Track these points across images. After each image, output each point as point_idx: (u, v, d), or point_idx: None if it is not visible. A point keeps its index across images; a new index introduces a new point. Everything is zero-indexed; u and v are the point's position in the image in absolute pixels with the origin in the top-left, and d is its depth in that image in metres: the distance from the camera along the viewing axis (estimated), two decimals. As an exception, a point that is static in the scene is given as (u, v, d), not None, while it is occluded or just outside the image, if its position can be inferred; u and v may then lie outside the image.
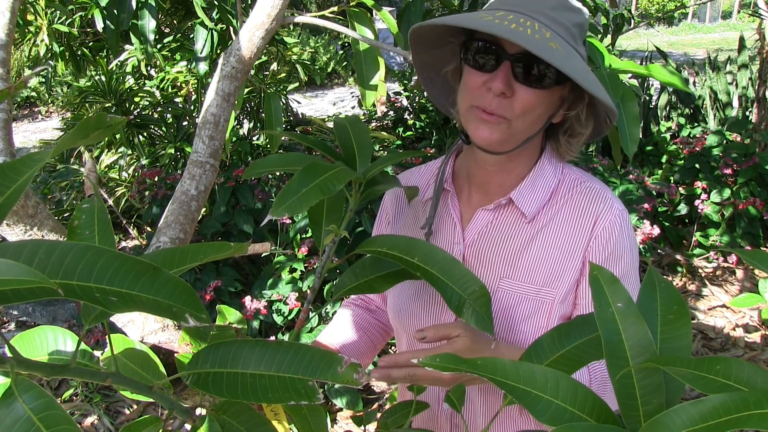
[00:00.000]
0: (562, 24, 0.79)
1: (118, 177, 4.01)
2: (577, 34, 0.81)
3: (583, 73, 0.75)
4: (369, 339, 1.10)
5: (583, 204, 0.90)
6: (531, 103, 0.80)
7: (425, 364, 0.52)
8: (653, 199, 3.28)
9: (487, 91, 0.80)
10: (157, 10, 2.22)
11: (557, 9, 0.79)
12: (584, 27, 0.83)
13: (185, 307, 0.43)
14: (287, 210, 0.67)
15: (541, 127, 0.85)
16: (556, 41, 0.75)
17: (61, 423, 0.38)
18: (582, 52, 0.82)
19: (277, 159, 0.83)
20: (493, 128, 0.81)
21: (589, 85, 0.74)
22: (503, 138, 0.82)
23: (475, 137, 0.83)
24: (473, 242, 0.92)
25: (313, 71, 9.96)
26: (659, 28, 21.90)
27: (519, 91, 0.79)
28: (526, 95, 0.79)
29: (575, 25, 0.80)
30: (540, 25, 0.76)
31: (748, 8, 20.53)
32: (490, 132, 0.81)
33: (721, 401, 0.38)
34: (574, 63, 0.75)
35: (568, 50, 0.76)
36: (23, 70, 7.14)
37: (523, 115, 0.81)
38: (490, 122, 0.81)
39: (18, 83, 0.50)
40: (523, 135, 0.84)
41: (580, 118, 0.87)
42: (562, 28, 0.79)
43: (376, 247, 0.76)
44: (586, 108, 0.86)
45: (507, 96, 0.79)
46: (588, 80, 0.75)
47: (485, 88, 0.80)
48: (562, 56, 0.73)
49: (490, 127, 0.81)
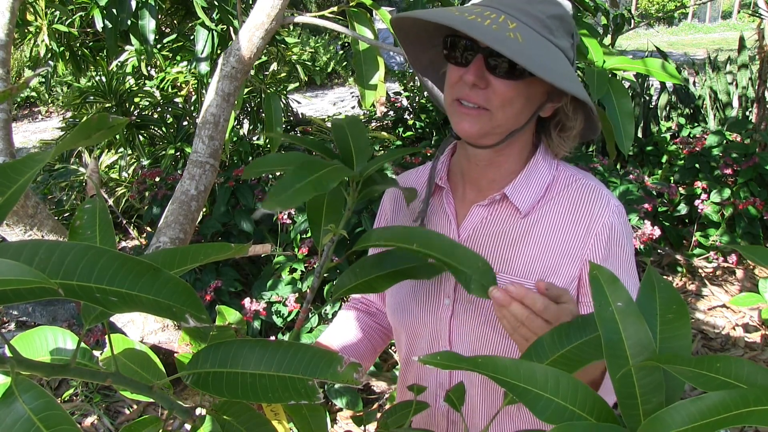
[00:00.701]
0: (534, 16, 0.79)
1: (118, 177, 4.02)
2: (554, 26, 0.80)
3: (539, 61, 0.74)
4: (369, 341, 1.10)
5: (579, 199, 0.90)
6: (507, 95, 0.80)
7: (425, 361, 0.52)
8: (653, 199, 3.28)
9: (464, 84, 0.81)
10: (157, 10, 2.22)
11: (531, 2, 0.80)
12: (565, 19, 0.82)
13: (185, 308, 0.43)
14: (280, 204, 0.67)
15: (526, 120, 0.86)
16: (520, 32, 0.75)
17: (61, 423, 0.38)
18: (563, 44, 0.81)
19: (277, 158, 0.83)
20: (473, 120, 0.82)
21: (545, 73, 0.73)
22: (484, 129, 0.83)
23: (458, 130, 0.85)
24: (468, 238, 0.93)
25: (313, 71, 9.96)
26: (659, 28, 21.90)
27: (493, 82, 0.80)
28: (501, 86, 0.80)
29: (551, 17, 0.80)
30: (507, 17, 0.77)
31: (748, 8, 20.53)
32: (470, 124, 0.83)
33: (721, 398, 0.38)
34: (533, 52, 0.75)
35: (534, 41, 0.76)
36: (23, 70, 7.14)
37: (503, 106, 0.81)
38: (471, 115, 0.82)
39: (19, 84, 0.51)
40: (506, 127, 0.84)
41: (567, 112, 0.88)
42: (535, 20, 0.79)
43: (373, 240, 0.76)
44: (572, 101, 0.87)
45: (481, 87, 0.80)
46: (545, 68, 0.74)
47: (462, 81, 0.82)
48: (518, 45, 0.73)
49: (470, 120, 0.82)
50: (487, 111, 0.81)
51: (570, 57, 0.83)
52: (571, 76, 0.79)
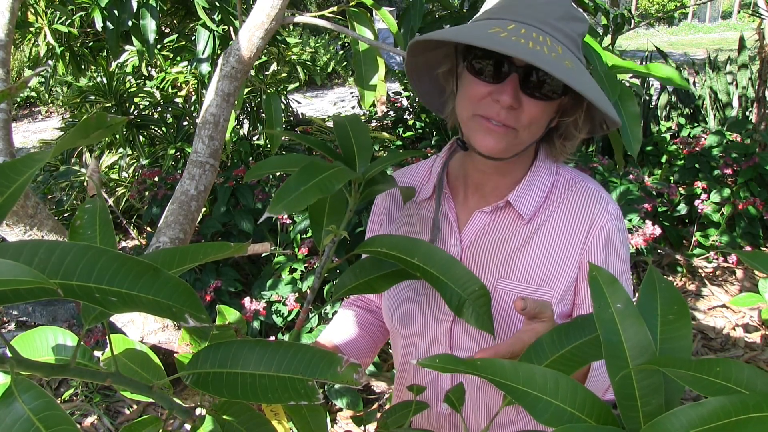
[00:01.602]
0: (568, 36, 0.78)
1: (118, 177, 4.02)
2: (581, 44, 0.81)
3: (594, 89, 0.75)
4: (370, 337, 1.10)
5: (579, 203, 0.90)
6: (538, 115, 0.80)
7: (424, 364, 0.52)
8: (653, 199, 3.28)
9: (494, 102, 0.79)
10: (157, 10, 2.22)
11: (564, 19, 0.78)
12: (585, 34, 0.83)
13: (185, 308, 0.43)
14: (285, 208, 0.67)
15: (542, 133, 0.86)
16: (568, 58, 0.75)
17: (60, 423, 0.38)
18: (582, 58, 0.82)
19: (279, 161, 0.83)
20: (499, 138, 0.81)
21: (601, 103, 0.74)
22: (509, 147, 0.83)
23: (481, 147, 0.83)
24: (470, 244, 0.92)
25: (313, 71, 9.97)
26: (659, 28, 21.90)
27: (525, 102, 0.79)
28: (534, 107, 0.79)
29: (580, 35, 0.80)
30: (551, 39, 0.75)
31: (748, 8, 20.53)
32: (496, 142, 0.81)
33: (721, 404, 0.38)
34: (585, 79, 0.75)
35: (577, 65, 0.76)
36: (23, 70, 7.14)
37: (530, 125, 0.81)
38: (497, 132, 0.80)
39: (19, 84, 0.50)
40: (526, 143, 0.85)
41: (577, 123, 0.87)
42: (569, 40, 0.78)
43: (375, 247, 0.76)
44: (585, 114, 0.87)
45: (515, 108, 0.79)
46: (598, 97, 0.74)
47: (491, 99, 0.79)
48: (576, 74, 0.73)
49: (497, 137, 0.81)
50: (513, 130, 0.81)
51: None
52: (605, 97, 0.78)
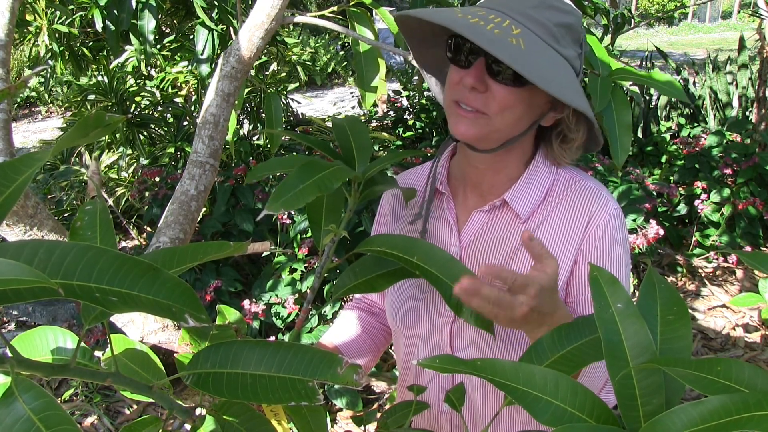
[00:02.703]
0: (540, 23, 0.77)
1: (118, 177, 4.02)
2: (561, 34, 0.79)
3: (539, 70, 0.73)
4: (372, 341, 1.10)
5: (578, 202, 0.89)
6: (507, 101, 0.79)
7: (424, 365, 0.52)
8: (653, 199, 3.28)
9: (464, 86, 0.80)
10: (157, 10, 2.22)
11: (538, 8, 0.78)
12: (573, 28, 0.80)
13: (185, 308, 0.43)
14: (283, 205, 0.67)
15: (526, 128, 0.85)
16: (523, 39, 0.74)
17: (61, 423, 0.38)
18: (568, 53, 0.80)
19: (279, 162, 0.84)
20: (470, 123, 0.81)
21: (542, 82, 0.72)
22: (482, 133, 0.82)
23: (454, 131, 0.83)
24: (469, 244, 0.92)
25: (313, 71, 9.97)
26: (659, 28, 21.90)
27: (493, 87, 0.79)
28: (501, 92, 0.79)
29: (558, 24, 0.78)
30: (512, 22, 0.75)
31: (748, 8, 20.53)
32: (466, 127, 0.81)
33: (722, 402, 0.38)
34: (534, 60, 0.73)
35: (536, 49, 0.75)
36: (23, 70, 7.14)
37: (502, 112, 0.80)
38: (468, 118, 0.81)
39: (18, 83, 0.50)
40: (504, 133, 0.83)
41: (569, 123, 0.86)
42: (541, 28, 0.77)
43: (375, 246, 0.76)
44: (574, 112, 0.85)
45: (480, 91, 0.79)
46: (543, 77, 0.72)
47: (462, 84, 0.81)
48: (519, 52, 0.72)
49: (467, 122, 0.81)
50: (484, 115, 0.80)
51: (576, 67, 0.82)
52: (573, 86, 0.77)
